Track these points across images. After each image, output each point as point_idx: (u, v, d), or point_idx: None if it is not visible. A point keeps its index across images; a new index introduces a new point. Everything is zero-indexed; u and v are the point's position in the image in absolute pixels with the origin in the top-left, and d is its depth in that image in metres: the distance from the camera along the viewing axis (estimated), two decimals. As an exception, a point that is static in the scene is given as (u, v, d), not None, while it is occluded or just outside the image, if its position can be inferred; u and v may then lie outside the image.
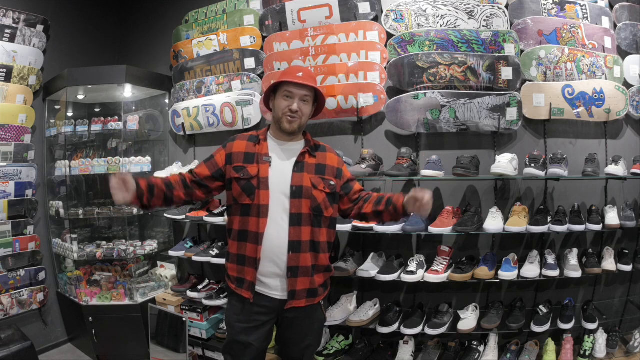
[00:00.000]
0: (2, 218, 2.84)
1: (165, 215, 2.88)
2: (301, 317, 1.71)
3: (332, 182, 1.74)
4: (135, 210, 3.06)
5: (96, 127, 3.01)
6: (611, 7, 2.66)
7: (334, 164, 1.78)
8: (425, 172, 2.31)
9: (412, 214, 1.80)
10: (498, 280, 2.26)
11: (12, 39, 2.90)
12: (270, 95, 1.77)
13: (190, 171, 1.77)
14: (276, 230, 1.64)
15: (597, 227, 2.22)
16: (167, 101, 3.31)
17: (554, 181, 2.43)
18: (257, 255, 1.63)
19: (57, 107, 3.21)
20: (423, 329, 2.30)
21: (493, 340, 2.35)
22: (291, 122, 1.68)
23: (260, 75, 2.90)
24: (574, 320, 2.30)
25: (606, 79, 2.54)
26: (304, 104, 1.69)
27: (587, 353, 2.28)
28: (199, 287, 2.76)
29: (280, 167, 1.70)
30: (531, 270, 2.25)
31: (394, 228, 2.31)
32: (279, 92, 1.70)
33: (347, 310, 2.42)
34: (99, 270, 3.10)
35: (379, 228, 2.31)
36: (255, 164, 1.68)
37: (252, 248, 1.64)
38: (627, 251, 2.40)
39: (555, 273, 2.21)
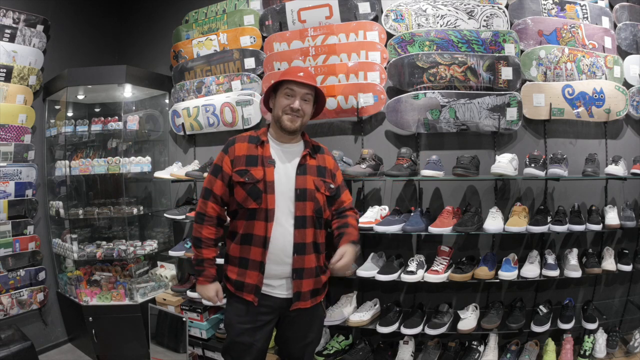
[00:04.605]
0: (2, 218, 2.84)
1: (165, 215, 2.88)
2: (304, 315, 1.72)
3: (332, 185, 1.76)
4: (135, 211, 3.06)
5: (96, 127, 3.01)
6: (611, 7, 2.66)
7: (331, 167, 1.80)
8: (425, 172, 2.30)
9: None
10: (498, 280, 2.26)
11: (12, 39, 2.89)
12: (270, 94, 1.75)
13: (213, 194, 1.70)
14: (281, 234, 1.64)
15: (597, 227, 2.22)
16: (167, 101, 3.30)
17: (554, 181, 2.43)
18: (264, 259, 1.63)
19: (57, 107, 3.21)
20: (423, 329, 2.30)
21: (493, 340, 2.35)
22: (293, 120, 1.66)
23: (260, 75, 2.90)
24: (574, 320, 2.29)
25: (606, 79, 2.54)
26: (305, 102, 1.69)
27: (587, 353, 2.27)
28: (199, 287, 2.76)
29: (284, 169, 1.69)
30: (531, 270, 2.25)
31: (394, 228, 2.30)
32: (280, 91, 1.69)
33: (347, 310, 2.42)
34: (99, 270, 3.10)
35: (379, 228, 2.31)
36: (260, 167, 1.66)
37: (258, 252, 1.63)
38: (627, 251, 2.40)
39: (555, 273, 2.21)
